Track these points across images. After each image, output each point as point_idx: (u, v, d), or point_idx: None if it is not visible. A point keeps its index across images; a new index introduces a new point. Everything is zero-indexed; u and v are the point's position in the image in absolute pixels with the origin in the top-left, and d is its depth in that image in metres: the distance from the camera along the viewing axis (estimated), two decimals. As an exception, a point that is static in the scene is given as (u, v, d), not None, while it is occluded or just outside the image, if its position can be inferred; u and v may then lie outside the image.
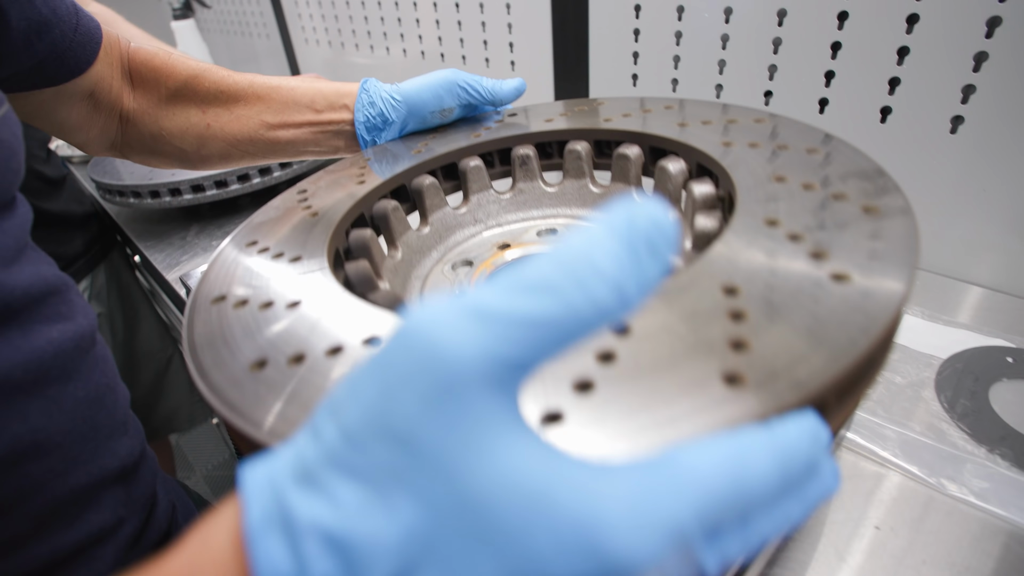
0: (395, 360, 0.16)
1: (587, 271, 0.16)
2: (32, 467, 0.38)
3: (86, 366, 0.43)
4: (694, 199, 0.40)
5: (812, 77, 0.63)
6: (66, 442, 0.40)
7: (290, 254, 0.39)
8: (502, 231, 0.51)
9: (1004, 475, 0.44)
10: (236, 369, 0.29)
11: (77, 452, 0.41)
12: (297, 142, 0.59)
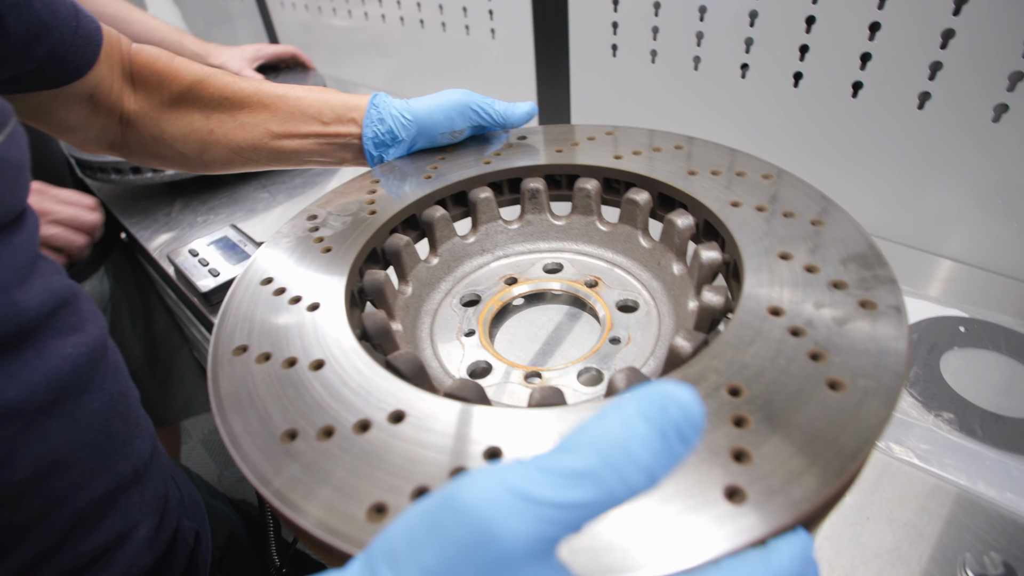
0: (454, 533, 0.18)
1: (625, 462, 0.18)
2: (55, 483, 0.39)
3: (100, 376, 0.43)
4: (700, 263, 0.41)
5: (788, 50, 0.63)
6: (85, 455, 0.41)
7: (308, 299, 0.40)
8: (509, 263, 0.52)
9: (946, 439, 0.47)
10: (267, 438, 0.31)
11: (95, 463, 0.42)
12: (302, 152, 0.58)
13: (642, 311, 0.45)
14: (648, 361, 0.41)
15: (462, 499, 0.18)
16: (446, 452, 0.29)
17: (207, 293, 0.65)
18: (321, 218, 0.49)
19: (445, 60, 1.06)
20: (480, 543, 0.17)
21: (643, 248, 0.49)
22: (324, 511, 0.27)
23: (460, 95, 0.55)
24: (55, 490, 0.39)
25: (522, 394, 0.40)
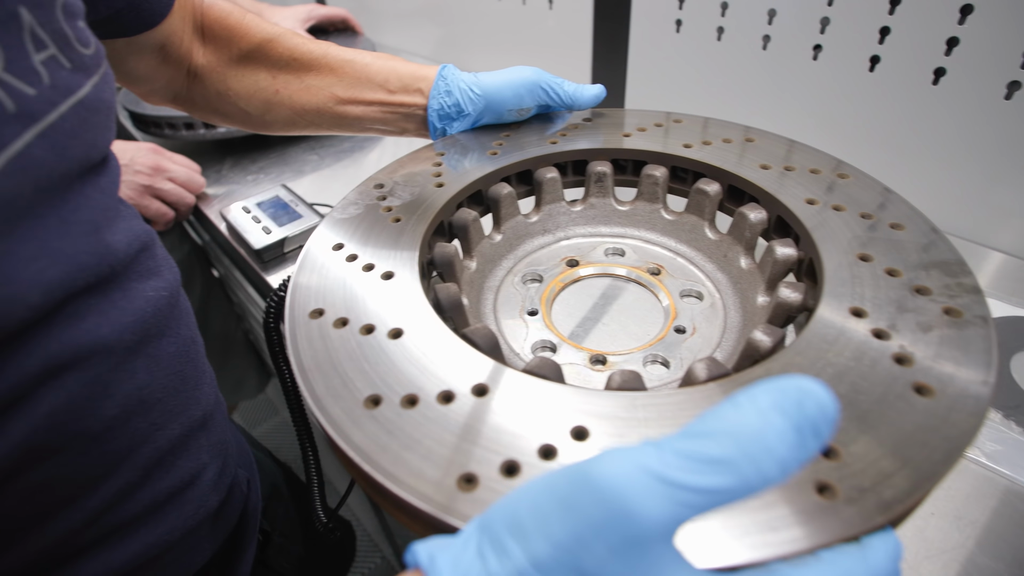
0: (589, 509, 0.18)
1: (761, 453, 0.18)
2: (139, 422, 0.40)
3: (175, 321, 0.44)
4: (775, 259, 0.41)
5: (866, 34, 0.61)
6: (164, 396, 0.42)
7: (380, 267, 0.40)
8: (571, 244, 0.52)
9: (1017, 440, 0.47)
10: (351, 403, 0.31)
11: (172, 404, 0.44)
12: (365, 119, 0.58)
13: (707, 302, 0.45)
14: (715, 352, 0.41)
15: (599, 476, 0.18)
16: (532, 428, 0.29)
17: (260, 250, 0.65)
18: (388, 187, 0.49)
19: (497, 29, 1.04)
20: (615, 520, 0.18)
21: (709, 239, 0.49)
22: (414, 478, 0.28)
23: (531, 73, 0.54)
24: (139, 429, 0.40)
25: (589, 376, 0.40)
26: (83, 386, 0.35)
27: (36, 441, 0.33)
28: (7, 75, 0.28)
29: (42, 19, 0.31)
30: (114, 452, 0.38)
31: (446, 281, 0.44)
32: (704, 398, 0.30)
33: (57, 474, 0.35)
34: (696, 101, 0.79)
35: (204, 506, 0.46)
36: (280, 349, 0.61)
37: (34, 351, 0.31)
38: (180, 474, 0.44)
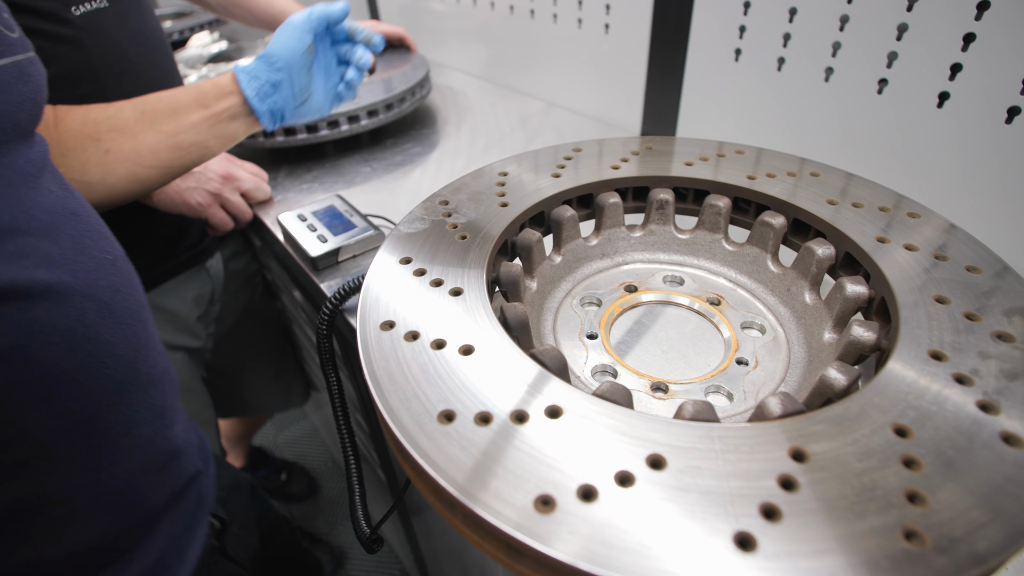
0: None
1: None
2: (83, 357, 0.41)
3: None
4: (844, 296, 0.41)
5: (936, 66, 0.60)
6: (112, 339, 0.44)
7: (449, 283, 0.41)
8: (629, 269, 0.52)
9: None
10: (424, 416, 0.32)
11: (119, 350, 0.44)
12: (200, 140, 0.61)
13: (769, 335, 0.45)
14: (779, 388, 0.41)
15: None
16: (607, 454, 0.29)
17: (316, 258, 0.67)
18: (454, 204, 0.50)
19: (551, 51, 1.06)
20: None
21: (771, 272, 0.48)
22: (490, 496, 0.28)
23: (289, 19, 0.62)
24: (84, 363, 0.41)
25: (650, 403, 0.40)
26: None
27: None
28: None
29: None
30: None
31: (510, 300, 0.44)
32: (780, 434, 0.30)
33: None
34: (751, 131, 0.79)
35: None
36: (330, 357, 0.63)
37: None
38: (178, 442, 0.48)
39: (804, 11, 0.67)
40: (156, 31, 0.83)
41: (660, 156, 0.55)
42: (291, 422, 1.83)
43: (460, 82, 1.29)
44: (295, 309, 1.03)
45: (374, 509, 1.16)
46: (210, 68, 1.50)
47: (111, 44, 0.72)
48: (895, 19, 0.59)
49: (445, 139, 1.01)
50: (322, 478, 1.64)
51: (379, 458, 0.98)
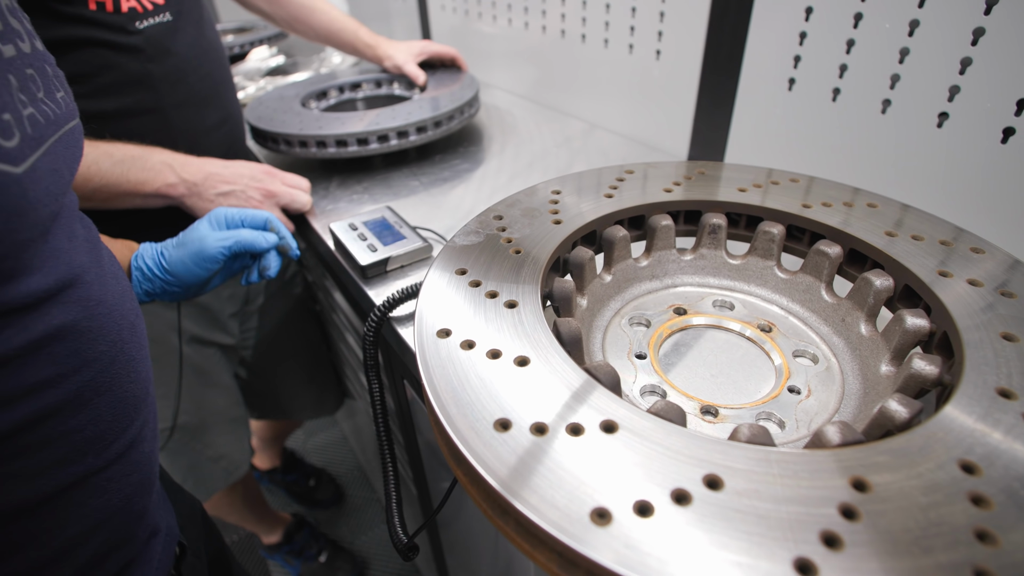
0: None
1: None
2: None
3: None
4: (904, 328, 0.40)
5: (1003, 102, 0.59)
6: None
7: (504, 296, 0.42)
8: (678, 292, 0.52)
9: None
10: (481, 424, 0.33)
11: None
12: None
13: (821, 365, 0.44)
14: (833, 418, 0.40)
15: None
16: (663, 471, 0.29)
17: (365, 267, 0.69)
18: (508, 219, 0.51)
19: (600, 75, 1.07)
20: None
21: (825, 301, 0.48)
22: (546, 506, 0.28)
23: (202, 241, 0.63)
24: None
25: (699, 426, 0.40)
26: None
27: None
28: (39, 103, 0.37)
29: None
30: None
31: (561, 315, 0.45)
32: (839, 462, 0.29)
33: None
34: (802, 160, 0.78)
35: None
36: (375, 363, 0.64)
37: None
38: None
39: (862, 43, 0.67)
40: (213, 44, 0.89)
41: (712, 181, 0.56)
42: (321, 428, 1.86)
43: (508, 102, 1.31)
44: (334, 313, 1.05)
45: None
46: (268, 80, 1.57)
47: (168, 55, 0.78)
48: (958, 53, 0.59)
49: (491, 157, 1.03)
50: (348, 486, 1.65)
51: (412, 471, 0.98)
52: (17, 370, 0.34)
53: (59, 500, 0.39)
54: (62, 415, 0.37)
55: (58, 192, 0.37)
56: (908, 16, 0.62)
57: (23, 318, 0.34)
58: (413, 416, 0.83)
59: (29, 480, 0.37)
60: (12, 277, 0.33)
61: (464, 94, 1.07)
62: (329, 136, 0.95)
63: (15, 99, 0.34)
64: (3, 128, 0.33)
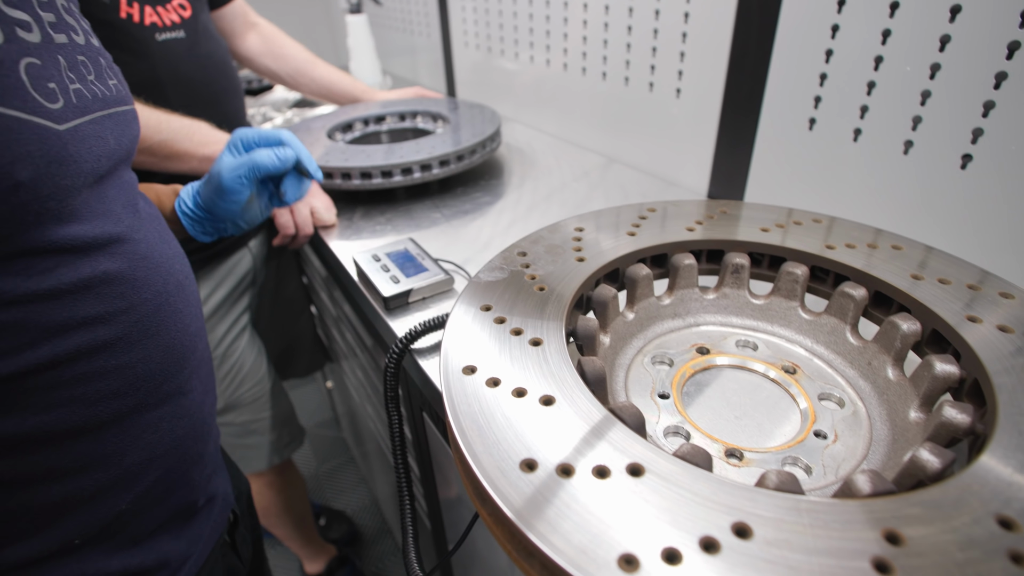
0: None
1: None
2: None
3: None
4: (933, 375, 0.40)
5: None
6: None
7: (529, 334, 0.42)
8: (701, 331, 0.52)
9: None
10: (507, 463, 0.33)
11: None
12: None
13: (848, 409, 0.44)
14: (861, 465, 0.40)
15: None
16: (690, 517, 0.29)
17: (388, 298, 0.69)
18: (531, 256, 0.52)
19: (620, 111, 1.09)
20: None
21: (851, 344, 0.48)
22: (573, 550, 0.28)
23: (223, 173, 0.65)
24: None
25: (724, 469, 0.40)
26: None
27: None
28: (88, 83, 0.44)
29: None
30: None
31: (585, 353, 0.45)
32: (871, 513, 0.29)
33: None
34: (823, 199, 0.78)
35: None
36: (395, 396, 0.64)
37: None
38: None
39: (883, 85, 0.67)
40: (222, 60, 1.04)
41: (734, 220, 0.56)
42: (333, 455, 1.85)
43: (528, 136, 1.33)
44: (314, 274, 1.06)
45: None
46: (295, 112, 1.61)
47: (179, 64, 0.92)
48: (981, 96, 0.59)
49: (511, 190, 1.04)
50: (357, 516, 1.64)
51: (427, 505, 0.97)
52: (70, 303, 0.40)
53: (116, 428, 0.44)
54: (113, 350, 0.43)
55: (102, 155, 0.43)
56: (929, 60, 0.62)
57: (73, 259, 0.40)
58: (430, 448, 0.83)
59: (90, 405, 0.42)
60: (60, 220, 0.39)
61: (486, 129, 1.09)
62: (354, 168, 0.98)
63: (63, 74, 0.41)
64: (48, 93, 0.39)
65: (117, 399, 0.44)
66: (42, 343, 0.39)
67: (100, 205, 0.43)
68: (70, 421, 0.41)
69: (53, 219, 0.39)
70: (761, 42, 0.79)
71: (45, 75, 0.40)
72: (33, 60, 0.39)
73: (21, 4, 0.40)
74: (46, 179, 0.38)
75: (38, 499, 0.42)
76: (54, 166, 0.39)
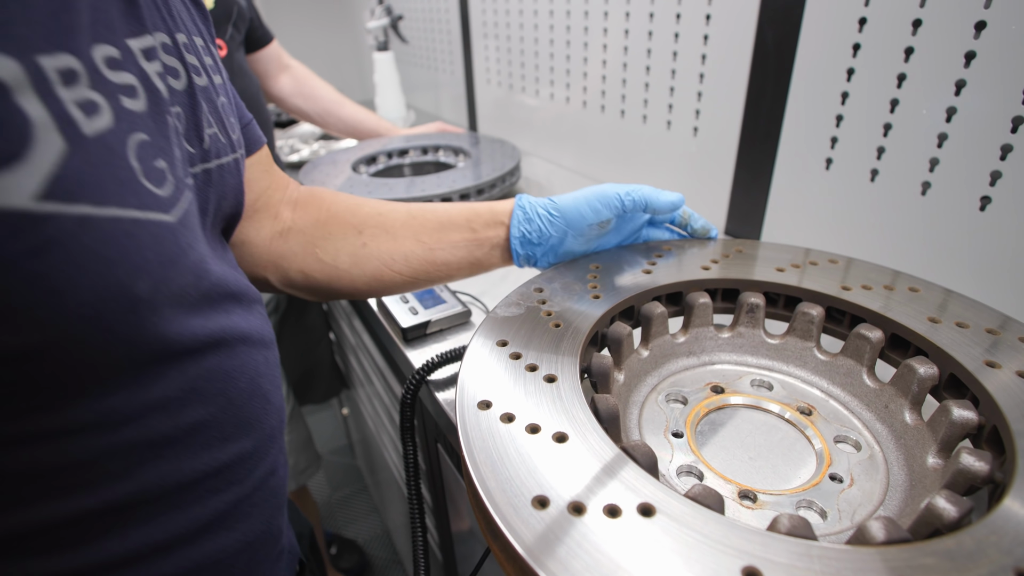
0: None
1: None
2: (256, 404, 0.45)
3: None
4: (950, 420, 0.39)
5: None
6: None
7: (544, 370, 0.43)
8: (715, 370, 0.53)
9: None
10: (520, 500, 0.33)
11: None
12: (452, 261, 0.60)
13: (864, 453, 0.44)
14: (878, 511, 0.39)
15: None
16: (701, 560, 0.29)
17: (406, 329, 0.71)
18: (547, 292, 0.53)
19: (638, 148, 1.11)
20: None
21: (867, 387, 0.47)
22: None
23: (603, 185, 0.57)
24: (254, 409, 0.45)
25: (737, 511, 0.40)
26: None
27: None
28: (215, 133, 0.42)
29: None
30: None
31: (599, 390, 0.46)
32: (885, 562, 0.29)
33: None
34: (840, 238, 0.79)
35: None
36: (411, 426, 0.65)
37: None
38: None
39: (899, 127, 0.68)
40: (254, 96, 1.09)
41: (750, 260, 0.56)
42: (347, 483, 1.85)
43: (547, 171, 1.36)
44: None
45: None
46: (321, 144, 1.66)
47: None
48: (998, 140, 0.60)
49: (531, 224, 1.06)
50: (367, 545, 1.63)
51: (439, 536, 0.97)
52: (175, 412, 0.36)
53: (216, 527, 0.40)
54: (213, 450, 0.39)
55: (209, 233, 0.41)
56: (945, 104, 0.63)
57: (180, 362, 0.35)
58: (444, 479, 0.83)
59: (193, 517, 0.39)
60: (169, 323, 0.34)
61: (506, 164, 1.12)
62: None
63: (171, 144, 0.36)
64: (157, 176, 0.33)
65: (215, 499, 0.40)
66: (152, 460, 0.36)
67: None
68: (175, 532, 0.38)
69: (167, 323, 0.34)
70: (777, 83, 0.80)
71: (153, 152, 0.34)
72: (142, 136, 0.33)
73: (125, 63, 0.34)
74: (164, 286, 0.33)
75: None
76: (170, 269, 0.33)
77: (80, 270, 0.29)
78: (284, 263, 0.60)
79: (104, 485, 0.34)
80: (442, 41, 1.79)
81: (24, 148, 0.27)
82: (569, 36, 1.20)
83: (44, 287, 0.28)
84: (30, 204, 0.27)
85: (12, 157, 0.26)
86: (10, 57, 0.27)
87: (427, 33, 1.88)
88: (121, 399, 0.33)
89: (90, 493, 0.34)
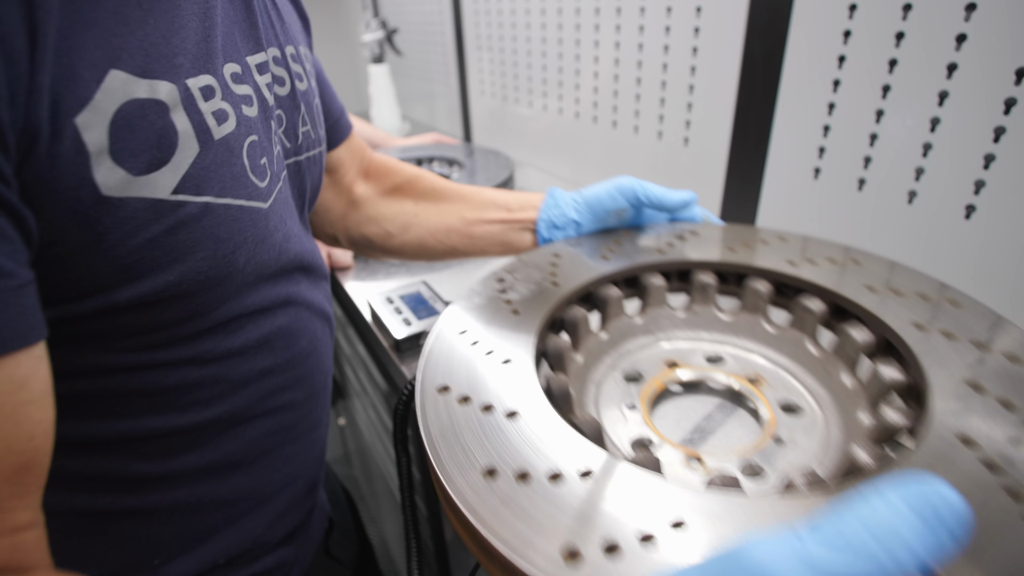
0: None
1: (897, 544, 0.19)
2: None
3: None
4: (879, 379, 0.42)
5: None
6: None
7: (500, 354, 0.45)
8: (671, 347, 0.55)
9: None
10: (472, 472, 0.36)
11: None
12: (487, 237, 0.69)
13: (807, 416, 0.46)
14: (815, 468, 0.42)
15: (753, 556, 0.21)
16: (633, 515, 0.32)
17: (399, 340, 0.73)
18: (508, 282, 0.55)
19: (631, 160, 1.13)
20: None
21: (811, 354, 0.50)
22: (525, 547, 0.31)
23: (624, 177, 0.63)
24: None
25: (685, 475, 0.42)
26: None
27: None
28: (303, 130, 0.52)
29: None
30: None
31: (556, 371, 0.48)
32: (803, 508, 0.31)
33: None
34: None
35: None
36: (403, 437, 0.67)
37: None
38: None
39: (885, 137, 0.70)
40: None
41: (704, 242, 0.59)
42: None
43: (541, 180, 1.38)
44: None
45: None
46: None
47: None
48: (982, 149, 0.61)
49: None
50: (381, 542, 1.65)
51: (434, 546, 1.00)
52: (251, 358, 0.46)
53: (265, 462, 0.50)
54: (274, 396, 0.49)
55: (288, 217, 0.49)
56: (929, 114, 0.65)
57: (259, 318, 0.46)
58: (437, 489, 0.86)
59: (251, 445, 0.48)
60: (255, 286, 0.44)
61: (500, 174, 1.14)
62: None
63: (272, 143, 0.45)
64: (260, 171, 0.43)
65: (269, 437, 0.49)
66: (230, 395, 0.45)
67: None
68: (235, 457, 0.47)
69: (250, 287, 0.44)
70: (765, 94, 0.82)
71: (259, 151, 0.43)
72: (253, 138, 0.42)
73: (245, 76, 0.42)
74: (254, 259, 0.42)
75: (199, 524, 0.47)
76: (260, 246, 0.43)
77: (200, 244, 0.38)
78: (352, 226, 0.73)
79: (191, 410, 0.44)
80: (437, 53, 1.82)
81: (171, 154, 0.36)
82: (561, 48, 1.23)
83: (174, 256, 0.37)
84: (168, 196, 0.36)
85: (163, 162, 0.35)
86: (170, 82, 0.35)
87: (422, 45, 1.91)
88: (212, 343, 0.42)
89: (180, 414, 0.44)
